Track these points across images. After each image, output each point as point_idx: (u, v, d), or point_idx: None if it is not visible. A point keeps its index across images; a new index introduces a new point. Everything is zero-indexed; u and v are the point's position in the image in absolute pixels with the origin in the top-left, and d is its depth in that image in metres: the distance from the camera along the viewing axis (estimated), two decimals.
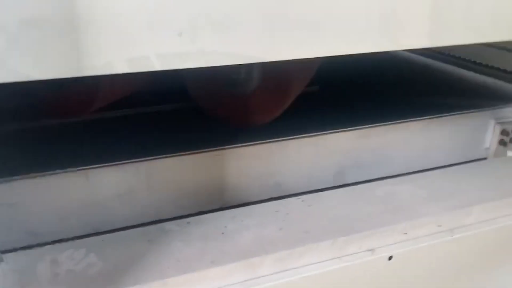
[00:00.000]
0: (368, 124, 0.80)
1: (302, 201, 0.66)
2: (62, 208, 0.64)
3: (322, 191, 0.71)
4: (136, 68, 0.41)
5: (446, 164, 0.83)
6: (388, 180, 0.73)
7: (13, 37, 0.36)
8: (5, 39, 0.36)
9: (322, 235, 0.58)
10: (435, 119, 0.83)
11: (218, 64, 0.43)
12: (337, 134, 0.79)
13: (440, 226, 0.63)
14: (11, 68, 0.36)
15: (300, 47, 0.47)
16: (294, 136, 0.76)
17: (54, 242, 0.61)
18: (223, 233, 0.58)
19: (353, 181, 0.80)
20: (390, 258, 0.59)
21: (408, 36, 0.52)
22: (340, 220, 0.61)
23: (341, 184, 0.80)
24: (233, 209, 0.64)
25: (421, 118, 0.83)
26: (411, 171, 0.81)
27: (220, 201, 0.74)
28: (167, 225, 0.59)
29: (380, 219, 0.61)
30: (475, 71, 1.16)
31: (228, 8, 0.42)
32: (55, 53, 0.37)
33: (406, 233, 0.61)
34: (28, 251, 0.55)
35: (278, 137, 0.74)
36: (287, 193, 0.76)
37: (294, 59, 0.45)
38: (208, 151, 0.71)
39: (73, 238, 0.63)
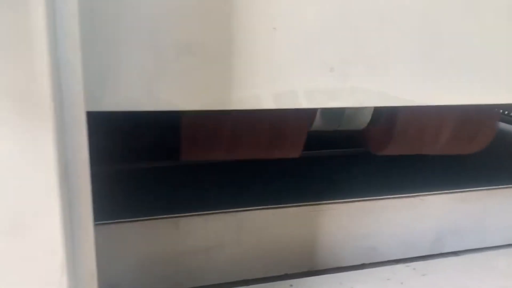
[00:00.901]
0: (466, 188, 0.73)
1: (414, 269, 0.58)
2: (145, 259, 0.58)
3: (426, 257, 0.64)
4: (282, 105, 0.36)
5: None
6: (506, 250, 0.64)
7: (163, 62, 0.32)
8: (155, 63, 0.32)
9: None
10: None
11: (368, 105, 0.39)
12: (437, 196, 0.72)
13: None
14: (156, 96, 0.32)
15: (452, 92, 0.42)
16: (392, 196, 0.69)
17: None
18: None
19: (453, 249, 0.72)
20: None
21: None
22: None
23: (439, 252, 0.72)
24: (338, 274, 0.57)
25: None
26: None
27: (310, 262, 0.67)
28: (269, 286, 0.52)
29: None
30: None
31: (382, 45, 0.38)
32: (204, 82, 0.33)
33: None
34: None
35: (375, 196, 0.68)
36: (382, 259, 0.69)
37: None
38: (300, 205, 0.65)
39: None
